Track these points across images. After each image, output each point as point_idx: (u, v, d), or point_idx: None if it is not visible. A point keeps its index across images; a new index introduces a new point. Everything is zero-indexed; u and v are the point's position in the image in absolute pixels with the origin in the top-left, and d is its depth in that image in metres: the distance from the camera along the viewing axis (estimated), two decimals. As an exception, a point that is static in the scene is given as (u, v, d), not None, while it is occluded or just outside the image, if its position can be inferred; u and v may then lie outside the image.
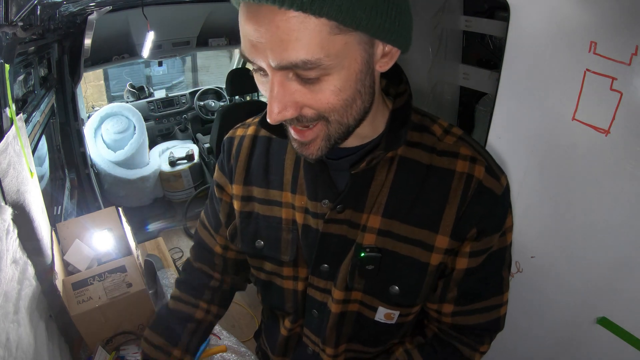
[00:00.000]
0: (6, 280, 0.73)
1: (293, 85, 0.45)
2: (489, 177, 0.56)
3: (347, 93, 0.46)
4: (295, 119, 0.48)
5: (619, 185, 0.96)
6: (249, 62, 0.47)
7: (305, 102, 0.46)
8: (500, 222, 0.58)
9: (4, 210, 0.74)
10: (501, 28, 1.47)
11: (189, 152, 3.42)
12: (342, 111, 0.48)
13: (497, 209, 0.57)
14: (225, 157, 0.71)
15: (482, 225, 0.56)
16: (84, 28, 2.10)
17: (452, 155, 0.57)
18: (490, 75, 1.75)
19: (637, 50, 0.85)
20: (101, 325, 1.00)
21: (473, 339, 0.66)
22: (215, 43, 3.40)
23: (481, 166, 0.56)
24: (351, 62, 0.45)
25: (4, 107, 0.86)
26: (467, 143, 0.58)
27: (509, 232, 0.60)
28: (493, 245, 0.59)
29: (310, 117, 0.48)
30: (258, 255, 0.69)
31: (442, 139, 0.58)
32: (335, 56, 0.43)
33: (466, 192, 0.56)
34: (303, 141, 0.51)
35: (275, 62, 0.43)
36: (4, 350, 0.67)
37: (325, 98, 0.46)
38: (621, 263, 1.00)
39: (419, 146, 0.58)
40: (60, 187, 2.11)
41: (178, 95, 3.84)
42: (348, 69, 0.45)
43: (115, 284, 1.05)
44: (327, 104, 0.46)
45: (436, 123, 0.60)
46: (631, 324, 1.01)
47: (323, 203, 0.59)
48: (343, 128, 0.50)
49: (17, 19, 0.94)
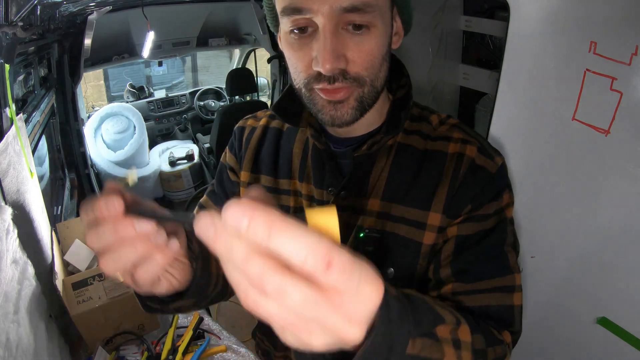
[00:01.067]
0: (6, 280, 0.73)
1: (343, 35, 0.49)
2: (481, 156, 0.58)
3: (383, 50, 0.52)
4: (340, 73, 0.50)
5: (619, 185, 0.96)
6: (290, 18, 0.50)
7: (353, 55, 0.50)
8: (495, 197, 0.58)
9: (4, 210, 0.74)
10: (501, 28, 1.47)
11: (189, 152, 3.42)
12: (376, 70, 0.52)
13: (492, 185, 0.57)
14: (236, 144, 0.72)
15: (477, 201, 0.57)
16: (84, 28, 2.10)
17: (445, 139, 0.60)
18: (490, 75, 1.75)
19: (637, 50, 0.85)
20: (101, 325, 1.00)
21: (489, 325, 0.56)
22: (215, 43, 3.40)
23: (473, 146, 0.58)
24: (387, 21, 0.52)
25: (4, 107, 0.86)
26: (460, 129, 0.61)
27: (508, 209, 0.59)
28: (488, 218, 0.57)
29: (352, 75, 0.51)
30: None
31: (437, 128, 0.62)
32: (380, 8, 0.50)
33: (458, 170, 0.58)
34: (335, 100, 0.52)
35: (346, 3, 0.47)
36: (4, 350, 0.67)
37: (370, 48, 0.50)
38: (621, 263, 1.00)
39: (416, 134, 0.61)
40: (60, 187, 2.11)
41: (178, 95, 3.84)
42: (385, 27, 0.51)
43: (115, 284, 1.05)
44: (369, 56, 0.50)
45: (435, 114, 0.63)
46: (631, 324, 1.01)
47: (329, 190, 0.62)
48: (374, 92, 0.54)
49: (17, 19, 0.94)
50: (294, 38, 0.51)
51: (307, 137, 0.66)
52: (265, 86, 3.95)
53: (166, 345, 0.97)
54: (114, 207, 0.34)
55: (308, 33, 0.50)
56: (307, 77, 0.52)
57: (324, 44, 0.48)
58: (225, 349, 1.01)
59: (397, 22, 0.56)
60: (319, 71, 0.50)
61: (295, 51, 0.52)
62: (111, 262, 0.36)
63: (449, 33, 1.88)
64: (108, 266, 0.36)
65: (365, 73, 0.51)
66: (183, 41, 3.30)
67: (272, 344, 0.80)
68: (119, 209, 0.34)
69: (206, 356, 0.99)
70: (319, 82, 0.51)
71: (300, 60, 0.52)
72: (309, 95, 0.54)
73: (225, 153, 0.75)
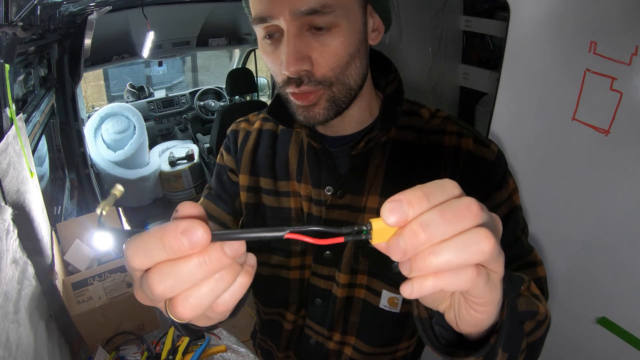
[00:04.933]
0: (6, 280, 0.73)
1: (306, 38, 0.50)
2: (478, 146, 0.58)
3: (351, 48, 0.52)
4: (306, 76, 0.51)
5: (619, 185, 0.96)
6: (260, 26, 0.51)
7: (317, 56, 0.51)
8: (501, 182, 0.58)
9: (4, 210, 0.74)
10: (501, 28, 1.47)
11: (189, 152, 3.42)
12: (344, 69, 0.52)
13: (495, 172, 0.58)
14: (232, 147, 0.72)
15: (484, 191, 0.58)
16: (84, 28, 2.10)
17: (440, 133, 0.60)
18: (490, 75, 1.75)
19: (637, 50, 0.85)
20: (101, 325, 1.00)
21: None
22: (215, 43, 3.40)
23: (468, 138, 0.59)
24: (355, 19, 0.52)
25: (4, 107, 0.86)
26: (452, 121, 0.62)
27: (515, 194, 0.60)
28: (500, 207, 0.58)
29: (317, 78, 0.52)
30: (266, 248, 0.69)
31: (429, 121, 0.62)
32: (344, 8, 0.50)
33: (456, 164, 0.58)
34: (307, 105, 0.54)
35: (298, 9, 0.48)
36: (4, 350, 0.67)
37: (335, 48, 0.51)
38: (621, 263, 1.00)
39: (408, 128, 0.62)
40: (60, 187, 2.11)
41: (178, 95, 3.84)
42: (353, 24, 0.51)
43: (115, 284, 1.05)
44: (334, 57, 0.51)
45: (424, 107, 0.64)
46: (631, 324, 1.01)
47: (326, 190, 0.62)
48: (346, 90, 0.54)
49: (17, 19, 0.94)
50: (267, 44, 0.53)
51: (302, 138, 0.66)
52: (265, 86, 3.95)
53: (166, 345, 0.97)
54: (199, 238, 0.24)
55: (276, 38, 0.52)
56: (282, 81, 0.54)
57: (287, 47, 0.50)
58: (225, 349, 1.01)
59: (374, 18, 0.56)
60: (287, 74, 0.51)
61: (269, 56, 0.54)
62: (195, 301, 0.26)
63: (449, 33, 1.88)
64: (188, 309, 0.26)
65: (332, 73, 0.52)
66: (183, 41, 3.30)
67: (275, 345, 0.80)
68: (206, 238, 0.25)
69: (206, 356, 0.99)
70: (288, 85, 0.53)
71: (274, 64, 0.54)
72: (286, 98, 0.56)
73: (221, 155, 0.74)
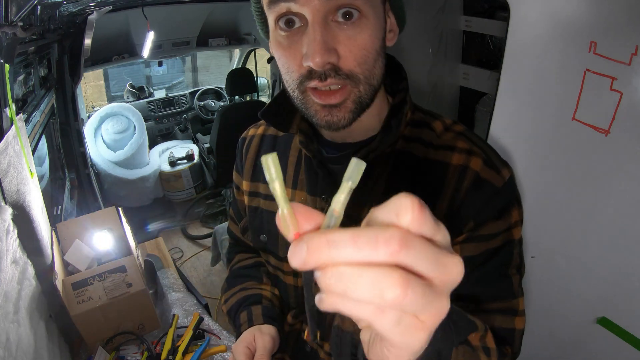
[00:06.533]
0: (6, 280, 0.73)
1: (332, 29, 0.47)
2: (486, 168, 0.54)
3: (376, 45, 0.49)
4: (333, 70, 0.47)
5: (619, 185, 0.96)
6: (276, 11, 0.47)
7: (344, 49, 0.47)
8: (500, 213, 0.54)
9: (4, 210, 0.74)
10: (501, 28, 1.46)
11: (188, 152, 3.42)
12: (371, 65, 0.49)
13: (497, 201, 0.54)
14: (238, 156, 0.75)
15: (480, 217, 0.54)
16: (84, 28, 2.10)
17: (449, 149, 0.56)
18: (490, 75, 1.75)
19: (637, 50, 0.85)
20: (101, 325, 1.00)
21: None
22: (215, 43, 3.40)
23: (478, 158, 0.54)
24: (379, 15, 0.50)
25: (4, 107, 0.86)
26: (466, 137, 0.57)
27: (516, 228, 0.56)
28: (494, 237, 0.54)
29: (345, 72, 0.48)
30: (263, 249, 0.72)
31: (442, 135, 0.58)
32: (371, 2, 0.47)
33: (460, 184, 0.54)
34: (332, 104, 0.50)
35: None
36: (4, 350, 0.67)
37: (363, 41, 0.48)
38: (621, 263, 1.00)
39: (416, 141, 0.58)
40: (60, 187, 2.11)
41: (178, 95, 3.84)
42: (378, 20, 0.49)
43: (115, 284, 1.05)
44: (362, 50, 0.48)
45: (438, 120, 0.59)
46: (631, 324, 1.01)
47: (322, 198, 0.60)
48: (371, 90, 0.51)
49: (17, 19, 0.94)
50: (282, 35, 0.49)
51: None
52: (265, 86, 3.95)
53: (166, 345, 0.97)
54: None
55: (296, 28, 0.48)
56: (299, 77, 0.49)
57: (314, 36, 0.45)
58: (225, 349, 1.01)
59: (390, 19, 0.53)
60: (310, 68, 0.47)
61: (285, 50, 0.49)
62: None
63: (449, 33, 1.88)
64: None
65: (359, 70, 0.48)
66: (183, 41, 3.30)
67: None
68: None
69: (206, 356, 0.99)
70: (310, 79, 0.48)
71: (290, 58, 0.49)
72: (302, 98, 0.51)
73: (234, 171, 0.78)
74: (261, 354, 0.64)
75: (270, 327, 0.69)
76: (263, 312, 0.71)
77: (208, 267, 2.69)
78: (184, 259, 2.90)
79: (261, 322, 0.70)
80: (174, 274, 1.35)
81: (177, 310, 1.13)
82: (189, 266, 2.83)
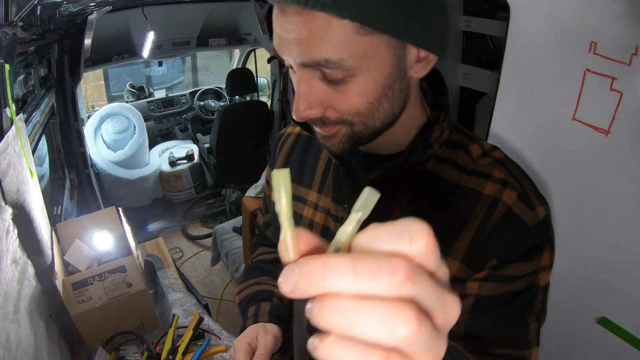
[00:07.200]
0: (6, 280, 0.73)
1: (319, 84, 0.45)
2: (520, 203, 0.49)
3: (373, 96, 0.45)
4: (319, 119, 0.47)
5: (619, 185, 0.96)
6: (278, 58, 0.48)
7: (330, 102, 0.46)
8: (528, 254, 0.50)
9: (4, 210, 0.74)
10: (501, 28, 1.46)
11: (189, 152, 3.42)
12: (366, 114, 0.46)
13: (526, 240, 0.49)
14: (272, 151, 0.76)
15: (505, 256, 0.49)
16: (84, 28, 2.10)
17: (483, 176, 0.52)
18: (490, 75, 1.75)
19: (637, 50, 0.85)
20: (101, 325, 1.00)
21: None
22: (215, 43, 3.40)
23: (512, 191, 0.50)
24: (379, 64, 0.44)
25: (4, 107, 0.86)
26: (503, 166, 0.52)
27: (543, 273, 0.52)
28: (517, 280, 0.50)
29: (333, 120, 0.47)
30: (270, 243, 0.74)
31: (478, 160, 0.53)
32: (361, 57, 0.42)
33: (489, 217, 0.50)
34: (326, 135, 0.50)
35: (299, 59, 0.43)
36: (4, 350, 0.67)
37: (350, 99, 0.45)
38: (621, 263, 1.00)
39: (449, 163, 0.54)
40: (60, 187, 2.11)
41: (178, 95, 3.84)
42: (376, 71, 0.44)
43: (115, 284, 1.05)
44: (351, 105, 0.46)
45: (477, 143, 0.55)
46: (631, 324, 1.01)
47: (344, 208, 0.59)
48: (368, 130, 0.49)
49: (17, 19, 0.94)
50: (292, 72, 0.49)
51: None
52: (265, 86, 3.95)
53: (166, 345, 0.97)
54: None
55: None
56: None
57: (297, 91, 0.45)
58: (225, 349, 1.01)
59: (419, 51, 0.46)
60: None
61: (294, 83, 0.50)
62: None
63: (449, 33, 1.88)
64: None
65: (351, 117, 0.47)
66: (183, 41, 3.30)
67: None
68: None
69: (206, 356, 0.99)
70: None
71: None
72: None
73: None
74: (261, 353, 0.64)
75: (275, 326, 0.69)
76: (270, 310, 0.71)
77: (208, 267, 2.69)
78: (184, 259, 2.90)
79: (266, 319, 0.70)
80: (174, 274, 1.35)
81: (177, 310, 1.13)
82: (189, 266, 2.83)
